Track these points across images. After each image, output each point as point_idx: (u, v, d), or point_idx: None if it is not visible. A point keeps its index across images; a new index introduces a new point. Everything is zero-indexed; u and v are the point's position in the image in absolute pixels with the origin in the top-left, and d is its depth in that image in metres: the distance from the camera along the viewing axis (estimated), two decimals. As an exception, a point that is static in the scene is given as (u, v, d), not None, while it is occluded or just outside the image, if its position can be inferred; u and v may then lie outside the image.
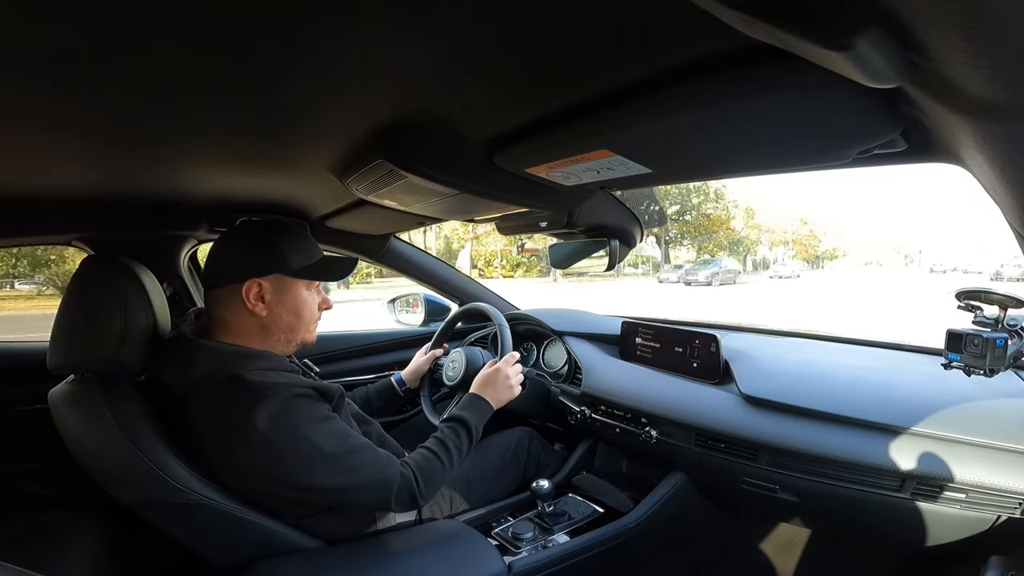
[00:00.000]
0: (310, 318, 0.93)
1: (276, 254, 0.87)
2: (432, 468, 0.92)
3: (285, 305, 0.89)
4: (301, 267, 0.89)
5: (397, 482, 0.86)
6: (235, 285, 0.85)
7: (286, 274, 0.88)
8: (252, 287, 0.85)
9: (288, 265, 0.87)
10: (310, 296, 0.92)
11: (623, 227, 1.06)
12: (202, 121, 0.61)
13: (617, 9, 0.37)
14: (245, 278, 0.85)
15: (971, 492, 0.83)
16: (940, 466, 0.85)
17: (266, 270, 0.86)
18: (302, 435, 0.78)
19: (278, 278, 0.87)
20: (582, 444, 1.41)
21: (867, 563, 1.17)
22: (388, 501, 0.86)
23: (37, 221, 1.08)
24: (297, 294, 0.90)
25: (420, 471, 0.90)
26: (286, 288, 0.88)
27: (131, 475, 0.76)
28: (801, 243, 42.57)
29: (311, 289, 0.92)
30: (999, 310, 0.80)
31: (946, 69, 0.29)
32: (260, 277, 0.86)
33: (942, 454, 0.86)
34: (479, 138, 0.68)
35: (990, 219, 29.07)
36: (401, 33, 0.41)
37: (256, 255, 0.87)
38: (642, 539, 1.12)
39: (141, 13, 0.36)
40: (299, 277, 0.89)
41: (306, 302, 0.91)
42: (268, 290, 0.87)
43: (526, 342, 1.68)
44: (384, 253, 1.60)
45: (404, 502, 0.87)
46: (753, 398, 1.08)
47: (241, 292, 0.85)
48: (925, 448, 0.88)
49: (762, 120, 0.50)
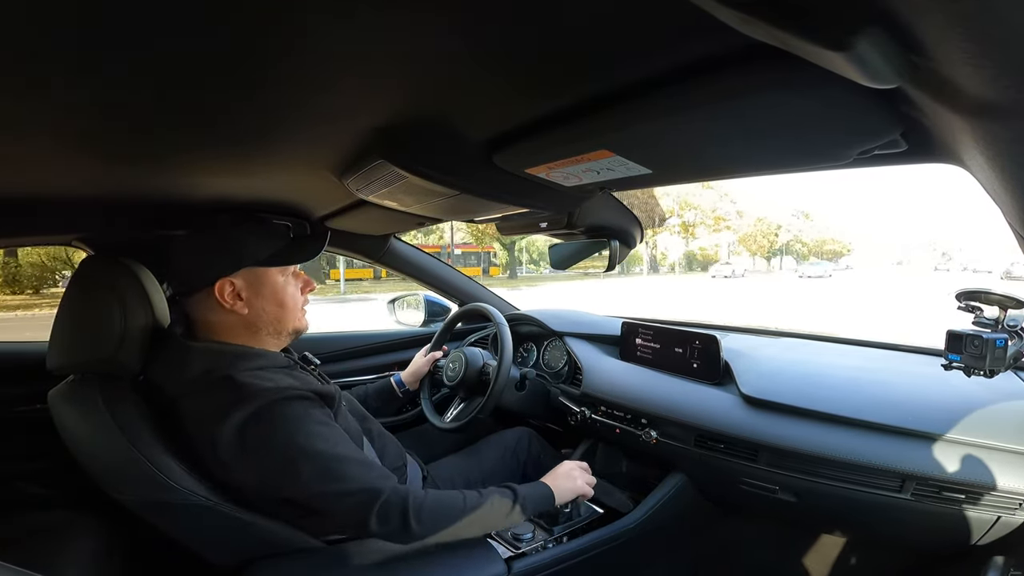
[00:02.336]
0: (294, 305, 0.90)
1: (240, 247, 0.84)
2: (440, 500, 0.82)
3: (265, 297, 0.86)
4: (270, 254, 0.86)
5: (386, 494, 0.77)
6: (207, 288, 0.83)
7: (256, 265, 0.85)
8: (225, 287, 0.83)
9: (255, 255, 0.84)
10: (288, 282, 0.89)
11: (623, 228, 1.06)
12: (202, 121, 0.61)
13: (617, 9, 0.37)
14: (215, 279, 0.82)
15: (971, 492, 0.83)
16: (940, 466, 0.85)
17: (234, 266, 0.83)
18: (288, 440, 0.76)
19: (249, 271, 0.85)
20: (582, 444, 1.41)
21: (867, 563, 1.16)
22: (366, 518, 0.75)
23: (37, 221, 1.08)
24: (274, 283, 0.87)
25: (428, 497, 0.81)
26: (260, 280, 0.86)
27: (130, 476, 0.76)
28: (753, 238, 35.24)
29: (287, 275, 0.89)
30: (999, 311, 0.80)
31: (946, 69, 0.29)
32: (230, 275, 0.83)
33: (942, 455, 0.86)
34: (479, 138, 0.68)
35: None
36: (401, 33, 0.41)
37: (220, 252, 0.84)
38: (642, 539, 1.12)
39: (141, 13, 0.36)
40: (270, 265, 0.86)
41: (286, 289, 0.89)
42: (242, 286, 0.84)
43: (526, 342, 1.67)
44: (384, 253, 1.60)
45: (391, 522, 0.76)
46: (753, 399, 1.08)
47: (215, 294, 0.83)
48: (925, 449, 0.88)
49: (762, 121, 0.50)
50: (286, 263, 0.88)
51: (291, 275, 0.90)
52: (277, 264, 0.87)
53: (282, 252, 0.87)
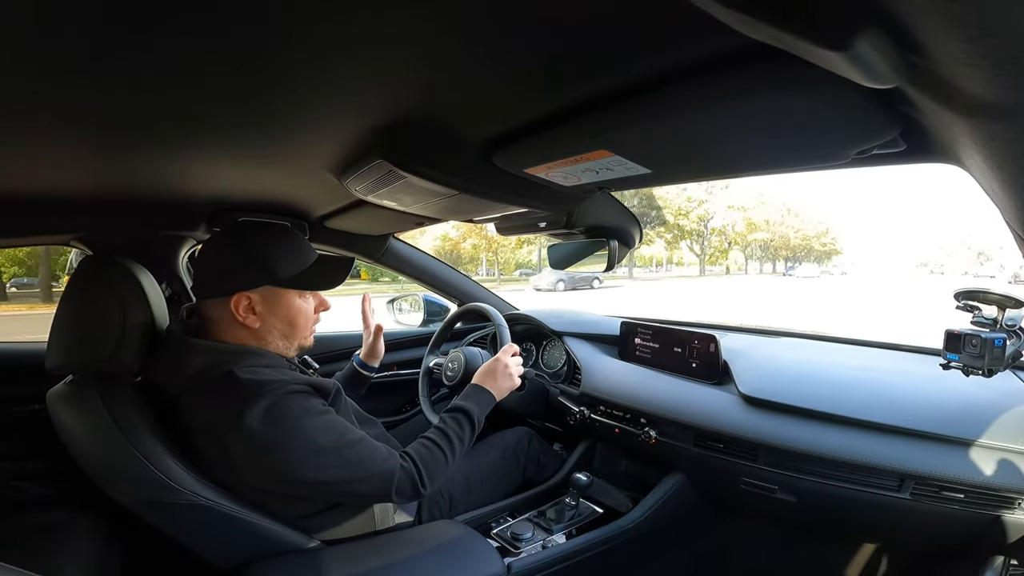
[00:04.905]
0: (305, 324, 0.90)
1: (265, 264, 0.83)
2: (434, 458, 0.91)
3: (278, 316, 0.86)
4: (292, 276, 0.85)
5: (397, 473, 0.85)
6: (224, 299, 0.82)
7: (276, 285, 0.84)
8: (241, 300, 0.82)
9: (278, 276, 0.83)
10: (304, 303, 0.88)
11: (622, 227, 1.06)
12: (202, 121, 0.61)
13: (617, 9, 0.37)
14: (233, 292, 0.82)
15: (969, 492, 0.83)
16: (939, 466, 0.85)
17: (255, 283, 0.83)
18: (299, 431, 0.77)
19: (269, 289, 0.84)
20: (581, 444, 1.41)
21: (866, 563, 1.17)
22: (389, 493, 0.84)
23: (36, 221, 1.08)
24: (290, 304, 0.86)
25: (422, 461, 0.89)
26: (277, 299, 0.85)
27: (129, 475, 0.76)
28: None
29: (304, 296, 0.89)
30: (997, 310, 0.80)
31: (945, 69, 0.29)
32: (249, 290, 0.83)
33: (941, 454, 0.86)
34: (478, 138, 0.68)
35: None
36: (401, 33, 0.41)
37: (244, 266, 0.83)
38: (641, 539, 1.12)
39: (141, 12, 0.36)
40: (290, 287, 0.85)
41: (300, 310, 0.88)
42: (258, 302, 0.84)
43: (525, 342, 1.68)
44: (383, 253, 1.60)
45: (406, 493, 0.86)
46: (752, 398, 1.08)
47: (230, 306, 0.82)
48: (924, 448, 0.88)
49: (761, 120, 0.50)
50: (307, 288, 0.88)
51: (309, 296, 0.90)
52: (299, 287, 0.86)
53: (305, 276, 0.86)
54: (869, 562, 1.16)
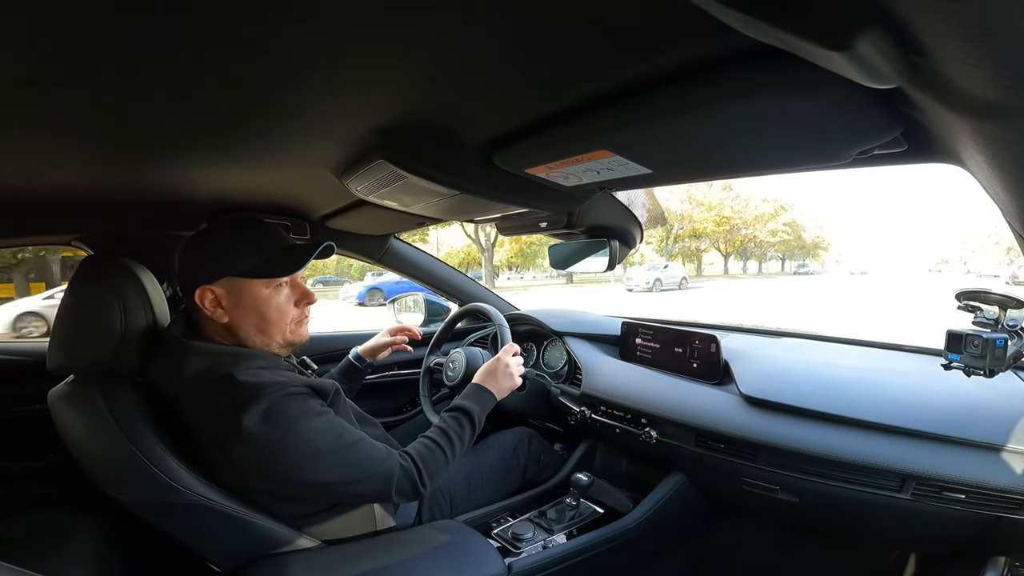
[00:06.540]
0: (279, 317, 0.87)
1: (223, 255, 0.82)
2: (434, 457, 0.91)
3: (244, 308, 0.84)
4: (251, 266, 0.83)
5: (397, 473, 0.85)
6: (191, 295, 0.82)
7: (237, 276, 0.82)
8: (204, 294, 0.81)
9: (236, 265, 0.82)
10: (274, 294, 0.86)
11: (623, 228, 1.06)
12: (202, 121, 0.61)
13: (617, 9, 0.37)
14: (195, 286, 0.82)
15: (970, 492, 0.83)
16: (940, 466, 0.85)
17: (215, 275, 0.82)
18: (297, 433, 0.78)
19: (231, 281, 0.82)
20: (582, 444, 1.41)
21: (867, 563, 1.16)
22: (389, 493, 0.84)
23: (37, 221, 1.08)
24: (255, 295, 0.84)
25: (422, 461, 0.89)
26: (240, 290, 0.83)
27: (130, 476, 0.76)
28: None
29: (272, 287, 0.85)
30: (999, 310, 0.80)
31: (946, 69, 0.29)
32: (210, 283, 0.82)
33: (942, 454, 0.86)
34: (479, 138, 0.69)
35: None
36: (401, 33, 0.41)
37: (202, 260, 0.82)
38: (642, 539, 1.12)
39: (141, 13, 0.36)
40: (252, 277, 0.83)
41: (268, 301, 0.85)
42: (223, 295, 0.82)
43: (526, 342, 1.67)
44: (384, 253, 1.60)
45: (406, 493, 0.86)
46: (753, 398, 1.08)
47: (196, 300, 0.82)
48: (925, 448, 0.88)
49: (762, 121, 0.50)
50: (266, 276, 0.84)
51: (279, 287, 0.87)
52: (258, 276, 0.84)
53: (264, 265, 0.84)
54: (870, 562, 1.16)
